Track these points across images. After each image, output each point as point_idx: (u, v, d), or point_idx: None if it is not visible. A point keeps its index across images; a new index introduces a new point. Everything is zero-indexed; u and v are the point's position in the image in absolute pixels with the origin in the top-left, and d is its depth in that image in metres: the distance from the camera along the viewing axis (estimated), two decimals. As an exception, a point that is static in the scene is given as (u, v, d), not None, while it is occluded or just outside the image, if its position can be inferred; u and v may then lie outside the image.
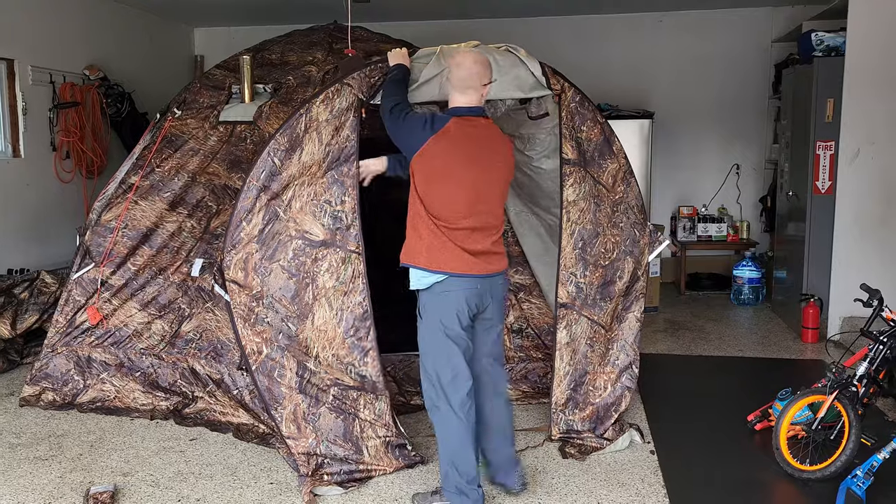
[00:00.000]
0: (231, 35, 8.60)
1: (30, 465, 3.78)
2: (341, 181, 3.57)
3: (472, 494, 3.20)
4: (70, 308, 4.57)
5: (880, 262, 5.79)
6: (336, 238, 3.57)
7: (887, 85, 5.67)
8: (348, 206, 3.58)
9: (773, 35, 7.91)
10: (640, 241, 4.12)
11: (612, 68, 8.04)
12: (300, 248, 3.55)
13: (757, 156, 8.22)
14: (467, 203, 3.18)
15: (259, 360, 3.55)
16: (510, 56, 3.78)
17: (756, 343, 6.07)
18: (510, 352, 4.67)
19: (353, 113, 3.58)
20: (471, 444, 3.22)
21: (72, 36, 6.75)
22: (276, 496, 3.46)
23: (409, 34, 6.35)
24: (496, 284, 3.29)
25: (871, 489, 3.33)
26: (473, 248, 3.18)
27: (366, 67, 3.62)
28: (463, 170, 3.17)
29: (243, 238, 3.53)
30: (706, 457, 3.89)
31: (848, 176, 5.85)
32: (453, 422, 3.19)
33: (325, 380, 3.60)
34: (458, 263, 3.14)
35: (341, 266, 3.58)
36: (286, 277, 3.55)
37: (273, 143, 3.53)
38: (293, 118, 3.54)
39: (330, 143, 3.55)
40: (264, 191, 3.52)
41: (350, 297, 3.59)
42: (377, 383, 3.65)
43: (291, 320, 3.56)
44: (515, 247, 4.83)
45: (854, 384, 3.69)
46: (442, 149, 3.16)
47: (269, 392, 3.55)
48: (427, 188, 3.19)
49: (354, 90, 3.58)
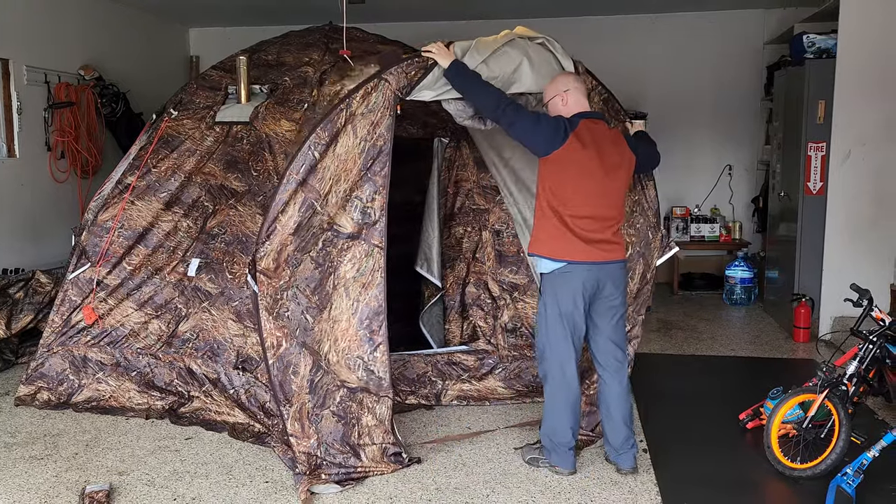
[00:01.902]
0: (226, 36, 8.61)
1: (25, 465, 3.79)
2: (373, 180, 3.61)
3: (563, 455, 3.63)
4: (66, 308, 4.58)
5: (871, 262, 5.83)
6: (363, 232, 3.61)
7: (878, 87, 5.72)
8: (378, 203, 3.62)
9: (765, 37, 7.96)
10: (653, 244, 4.14)
11: (605, 69, 7.93)
12: (329, 239, 3.59)
13: (749, 157, 8.27)
14: (594, 197, 3.51)
15: (277, 354, 3.58)
16: (544, 52, 3.83)
17: (748, 342, 6.12)
18: (504, 350, 4.71)
19: (389, 111, 3.59)
20: (568, 413, 3.61)
21: (67, 36, 6.75)
22: (272, 495, 3.48)
23: (405, 35, 6.36)
24: (615, 271, 3.59)
25: (861, 487, 3.36)
26: (593, 237, 3.51)
27: (403, 62, 3.61)
28: (594, 168, 3.49)
29: (279, 229, 3.55)
30: (698, 455, 3.93)
31: (839, 177, 5.90)
32: (558, 391, 3.61)
33: (335, 381, 3.62)
34: (579, 252, 3.49)
35: (364, 258, 3.61)
36: (313, 268, 3.58)
37: (314, 136, 3.55)
38: (334, 112, 3.57)
39: (366, 137, 3.57)
40: (302, 184, 3.55)
41: (368, 289, 3.63)
42: (383, 380, 3.67)
43: (311, 311, 3.58)
44: (511, 246, 4.87)
45: (844, 383, 3.73)
46: (575, 150, 3.46)
47: (281, 387, 3.58)
48: (559, 186, 3.50)
49: (392, 86, 3.58)
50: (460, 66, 3.60)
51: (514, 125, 3.51)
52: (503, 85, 3.75)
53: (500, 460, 3.84)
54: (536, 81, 3.81)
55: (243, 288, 4.29)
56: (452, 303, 4.97)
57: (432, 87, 3.65)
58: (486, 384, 4.65)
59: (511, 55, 3.77)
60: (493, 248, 4.91)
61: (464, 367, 4.67)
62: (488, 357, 4.70)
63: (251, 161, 4.52)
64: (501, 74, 3.73)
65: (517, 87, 3.81)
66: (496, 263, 4.89)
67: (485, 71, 3.66)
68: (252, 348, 4.21)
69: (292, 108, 4.53)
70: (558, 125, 3.48)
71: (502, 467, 3.76)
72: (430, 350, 4.77)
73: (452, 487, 3.55)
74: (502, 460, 3.84)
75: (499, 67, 3.71)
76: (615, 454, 3.71)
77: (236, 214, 4.46)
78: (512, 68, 3.76)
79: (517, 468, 3.75)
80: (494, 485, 3.58)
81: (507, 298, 4.83)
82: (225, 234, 4.45)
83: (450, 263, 5.00)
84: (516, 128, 3.51)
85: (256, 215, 4.38)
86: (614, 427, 3.68)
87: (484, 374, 4.67)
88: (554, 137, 3.46)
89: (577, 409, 3.67)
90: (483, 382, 4.65)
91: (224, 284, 4.35)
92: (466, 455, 3.90)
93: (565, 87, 3.62)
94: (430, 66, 3.61)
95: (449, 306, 4.98)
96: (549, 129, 3.47)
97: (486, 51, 3.68)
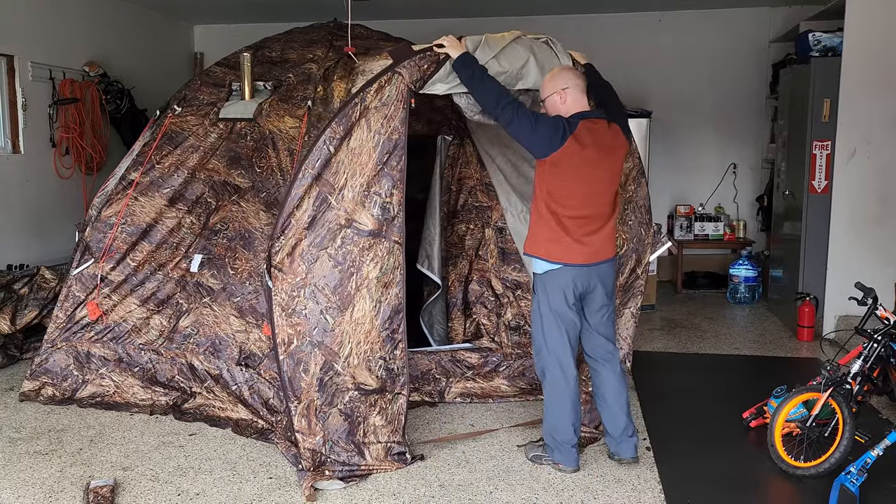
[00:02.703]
0: (231, 32, 8.60)
1: (30, 460, 3.80)
2: (391, 174, 3.60)
3: (566, 452, 3.64)
4: (70, 304, 4.58)
5: (875, 261, 5.82)
6: (383, 229, 3.60)
7: (883, 85, 5.70)
8: (396, 198, 3.61)
9: (770, 35, 7.93)
10: (645, 241, 4.16)
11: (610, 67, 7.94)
12: (349, 237, 3.57)
13: (754, 155, 8.25)
14: (591, 197, 3.53)
15: (288, 350, 3.58)
16: (547, 50, 3.83)
17: (752, 341, 6.11)
18: (507, 348, 4.70)
19: (403, 104, 3.58)
20: (569, 409, 3.63)
21: (72, 32, 6.76)
22: (275, 491, 3.49)
23: (409, 32, 6.36)
24: (606, 269, 3.65)
25: (865, 486, 3.35)
26: (586, 238, 3.54)
27: (416, 56, 3.60)
28: (589, 169, 3.49)
29: (293, 224, 3.55)
30: (701, 453, 3.92)
31: (844, 175, 5.88)
32: (556, 388, 3.63)
33: (347, 383, 3.62)
34: (574, 255, 3.53)
35: (386, 257, 3.61)
36: (332, 266, 3.56)
37: (329, 130, 3.55)
38: (349, 107, 3.56)
39: (380, 131, 3.56)
40: (317, 179, 3.55)
41: (389, 288, 3.63)
42: (399, 376, 3.68)
43: (331, 311, 3.57)
44: (514, 243, 4.86)
45: (848, 382, 3.72)
46: (574, 151, 3.44)
47: (290, 384, 3.58)
48: (556, 188, 3.50)
49: (405, 79, 3.58)
50: (468, 59, 3.58)
51: (511, 123, 3.48)
52: (511, 80, 3.75)
53: (504, 458, 3.84)
54: (542, 78, 3.82)
55: (245, 284, 4.30)
56: (455, 300, 4.97)
57: (445, 81, 3.65)
58: (489, 382, 4.65)
59: (519, 51, 3.77)
60: (495, 246, 4.91)
61: (468, 364, 4.67)
62: (492, 355, 4.70)
63: (254, 157, 4.53)
64: (511, 70, 3.73)
65: (524, 83, 3.81)
66: (499, 261, 4.89)
67: (495, 66, 3.66)
68: (254, 344, 4.21)
69: (296, 104, 4.53)
70: (557, 127, 3.43)
71: (506, 464, 3.76)
72: (434, 347, 4.77)
73: (456, 484, 3.55)
74: (506, 458, 3.84)
75: (508, 63, 3.72)
76: (615, 444, 3.74)
77: (239, 211, 4.46)
78: (520, 64, 3.77)
79: (520, 465, 3.75)
80: (498, 482, 3.57)
81: (511, 296, 4.83)
82: (228, 231, 4.45)
83: (452, 261, 5.00)
84: (514, 126, 3.48)
85: (260, 211, 4.39)
86: (612, 416, 3.72)
87: (488, 372, 4.67)
88: (552, 139, 3.42)
89: (578, 406, 3.68)
90: (487, 380, 4.65)
91: (226, 280, 4.36)
92: (470, 452, 3.90)
93: (564, 84, 3.56)
94: (442, 60, 3.61)
95: (452, 304, 4.97)
96: (547, 130, 3.43)
97: (496, 46, 3.69)
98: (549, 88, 3.60)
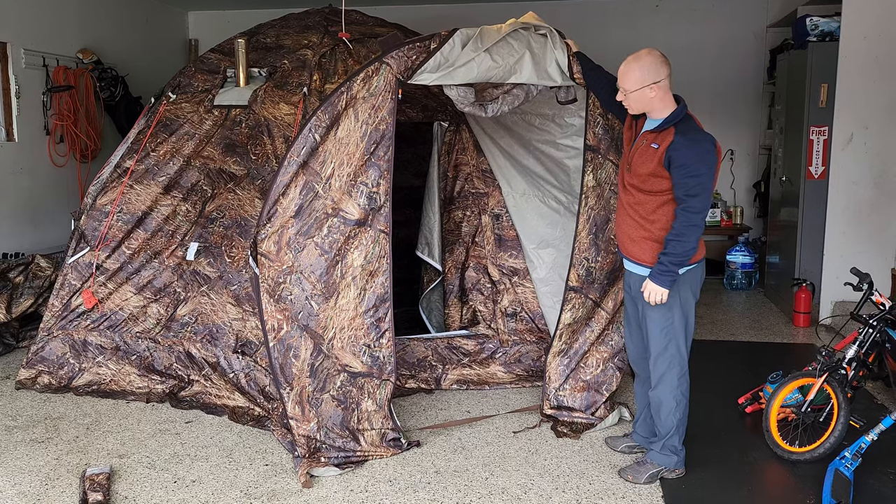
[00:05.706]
0: (225, 19, 8.56)
1: (26, 448, 3.81)
2: (377, 164, 3.59)
3: (681, 455, 3.50)
4: (66, 292, 4.58)
5: (872, 246, 5.82)
6: (369, 218, 3.60)
7: (881, 70, 5.69)
8: (382, 188, 3.61)
9: (767, 20, 7.90)
10: None
11: (608, 53, 7.91)
12: (335, 226, 3.58)
13: (751, 141, 8.24)
14: None
15: (278, 336, 3.58)
16: (543, 42, 3.81)
17: (748, 327, 6.12)
18: (504, 335, 4.71)
19: (391, 95, 3.57)
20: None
21: (65, 19, 6.71)
22: (272, 477, 3.49)
23: (405, 18, 6.33)
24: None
25: (859, 470, 3.37)
26: None
27: (404, 46, 3.57)
28: None
29: (279, 212, 3.55)
30: (697, 438, 3.93)
31: (841, 161, 5.88)
32: (685, 397, 3.47)
33: (336, 366, 3.62)
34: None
35: (371, 245, 3.61)
36: (318, 254, 3.57)
37: (315, 119, 3.54)
38: (334, 95, 3.55)
39: (367, 121, 3.55)
40: (303, 167, 3.54)
41: (374, 277, 3.63)
42: (386, 364, 3.68)
43: (316, 298, 3.58)
44: (511, 231, 4.85)
45: (843, 367, 3.73)
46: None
47: (281, 370, 3.58)
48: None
49: (393, 69, 3.56)
50: (672, 271, 3.20)
51: (691, 166, 3.36)
52: (504, 75, 3.72)
53: (500, 444, 3.85)
54: (537, 73, 3.79)
55: (242, 272, 4.29)
56: (452, 287, 4.96)
57: (434, 72, 3.63)
58: (486, 369, 4.66)
59: (514, 46, 3.74)
60: (492, 233, 4.90)
61: (464, 351, 4.68)
62: (488, 342, 4.70)
63: (250, 144, 4.51)
64: (504, 64, 3.70)
65: (517, 77, 3.77)
66: (496, 247, 4.89)
67: (487, 60, 3.63)
68: (251, 332, 4.21)
69: (291, 91, 4.50)
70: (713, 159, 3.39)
71: (501, 451, 3.77)
72: (431, 334, 4.78)
73: (451, 470, 3.56)
74: (501, 444, 3.85)
75: (501, 57, 3.69)
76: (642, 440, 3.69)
77: (235, 198, 4.45)
78: (514, 59, 3.74)
79: (516, 451, 3.76)
80: (493, 468, 3.59)
81: (507, 283, 4.82)
82: (224, 218, 4.44)
83: (449, 247, 4.99)
84: (692, 168, 3.34)
85: (255, 199, 4.37)
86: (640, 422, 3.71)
87: (484, 359, 4.68)
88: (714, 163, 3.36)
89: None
90: (483, 367, 4.66)
91: (223, 268, 4.35)
92: (465, 438, 3.91)
93: (657, 77, 3.40)
94: (432, 50, 3.58)
95: (448, 291, 4.97)
96: (713, 159, 3.39)
97: (489, 40, 3.66)
98: (638, 80, 3.47)
